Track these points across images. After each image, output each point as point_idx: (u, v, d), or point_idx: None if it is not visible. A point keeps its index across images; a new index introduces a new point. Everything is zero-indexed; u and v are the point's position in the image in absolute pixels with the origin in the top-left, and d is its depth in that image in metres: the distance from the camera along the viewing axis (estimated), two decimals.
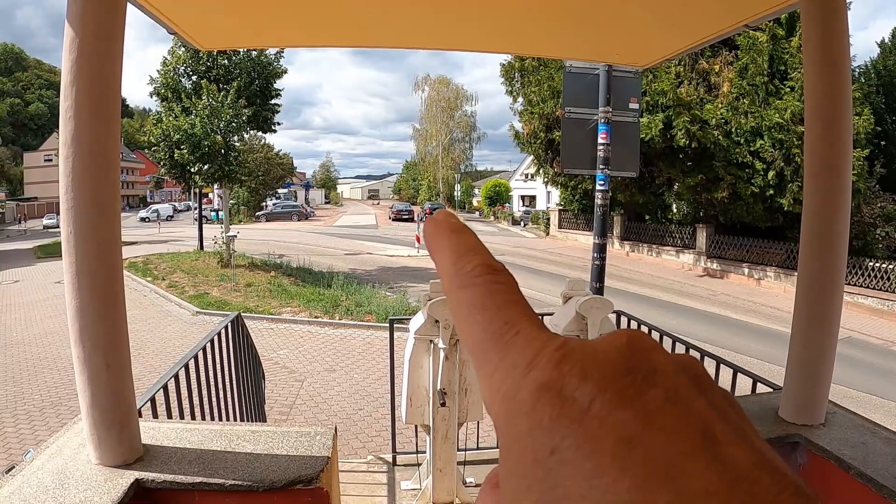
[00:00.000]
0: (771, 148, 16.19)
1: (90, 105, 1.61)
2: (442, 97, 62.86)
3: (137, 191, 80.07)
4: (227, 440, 1.86)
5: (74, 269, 1.62)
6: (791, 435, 2.12)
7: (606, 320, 3.48)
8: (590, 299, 3.34)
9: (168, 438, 1.88)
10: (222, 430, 1.92)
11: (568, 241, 29.39)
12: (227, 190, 19.87)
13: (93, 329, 1.65)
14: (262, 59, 19.23)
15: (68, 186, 1.60)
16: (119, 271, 1.70)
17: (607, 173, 5.03)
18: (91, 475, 1.67)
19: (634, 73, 5.56)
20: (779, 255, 17.81)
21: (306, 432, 1.90)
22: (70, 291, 1.63)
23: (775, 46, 16.37)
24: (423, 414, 3.34)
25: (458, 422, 3.37)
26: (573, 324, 3.41)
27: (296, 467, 1.70)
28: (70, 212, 1.61)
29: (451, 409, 3.28)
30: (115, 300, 1.69)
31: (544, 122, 22.78)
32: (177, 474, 1.67)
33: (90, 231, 1.62)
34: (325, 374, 8.45)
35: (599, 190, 5.05)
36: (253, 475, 1.67)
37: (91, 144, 1.61)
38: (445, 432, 3.34)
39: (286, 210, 51.99)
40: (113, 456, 1.71)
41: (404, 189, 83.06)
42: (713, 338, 11.02)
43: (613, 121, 5.17)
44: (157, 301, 13.70)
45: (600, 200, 5.06)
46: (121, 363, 1.72)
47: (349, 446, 6.08)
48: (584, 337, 3.46)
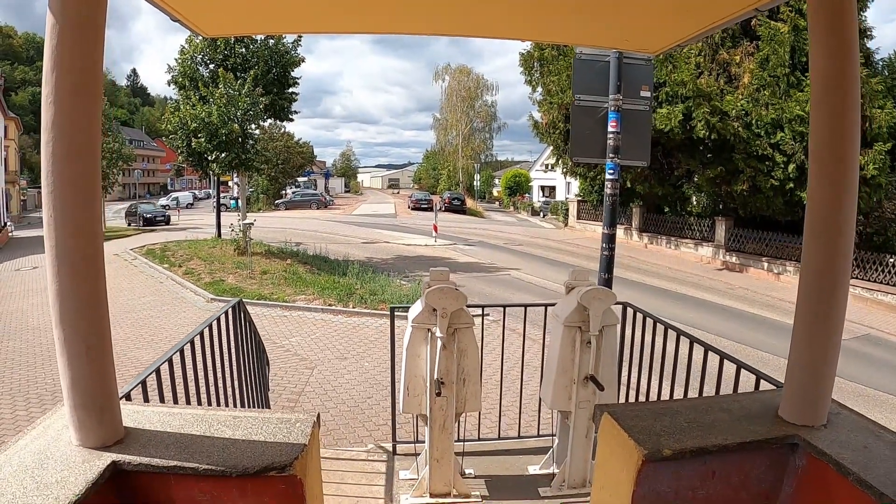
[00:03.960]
0: (792, 140, 15.90)
1: (70, 91, 1.60)
2: (462, 86, 62.58)
3: (158, 179, 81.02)
4: (206, 425, 1.86)
5: (54, 253, 1.63)
6: (790, 436, 2.07)
7: (609, 311, 3.44)
8: (592, 290, 3.30)
9: (150, 422, 1.89)
10: (204, 416, 1.93)
11: (586, 232, 29.19)
12: (244, 178, 19.99)
13: (73, 313, 1.65)
14: (279, 47, 19.27)
15: (49, 171, 1.60)
16: (99, 256, 1.70)
17: (617, 162, 4.95)
18: (70, 456, 1.68)
19: (646, 60, 5.46)
20: (798, 249, 17.50)
21: (286, 419, 1.89)
22: (50, 275, 1.64)
23: (797, 37, 16.01)
24: (421, 403, 3.33)
25: (456, 412, 3.35)
26: (575, 314, 3.37)
27: (270, 454, 1.69)
28: (50, 196, 1.61)
29: (448, 399, 3.26)
30: (96, 284, 1.69)
31: (563, 112, 22.58)
32: (154, 457, 1.67)
33: (70, 215, 1.62)
34: (336, 362, 8.48)
35: (609, 179, 4.98)
36: (228, 460, 1.66)
37: (71, 130, 1.61)
38: (443, 422, 3.32)
39: (305, 198, 52.18)
40: (93, 438, 1.72)
41: (424, 178, 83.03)
42: (729, 332, 10.88)
43: (624, 109, 5.09)
44: (173, 288, 13.85)
45: (609, 190, 4.99)
46: (101, 347, 1.72)
47: (355, 434, 6.10)
48: (586, 328, 3.42)
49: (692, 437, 2.06)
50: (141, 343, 9.33)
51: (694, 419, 2.21)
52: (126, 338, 9.63)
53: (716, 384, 3.31)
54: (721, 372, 3.35)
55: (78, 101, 1.61)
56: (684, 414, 2.25)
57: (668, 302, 13.38)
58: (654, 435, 2.04)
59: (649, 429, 2.09)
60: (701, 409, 2.31)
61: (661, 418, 2.20)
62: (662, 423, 2.15)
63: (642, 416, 2.21)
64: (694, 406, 2.37)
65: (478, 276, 15.79)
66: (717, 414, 2.27)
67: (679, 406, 2.37)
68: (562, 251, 22.55)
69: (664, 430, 2.09)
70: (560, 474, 3.66)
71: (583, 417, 3.55)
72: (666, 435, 2.05)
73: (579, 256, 21.07)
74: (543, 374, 3.69)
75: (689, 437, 2.05)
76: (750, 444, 2.07)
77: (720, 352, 3.34)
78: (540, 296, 13.87)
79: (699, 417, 2.23)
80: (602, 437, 2.23)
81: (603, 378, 3.43)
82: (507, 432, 4.50)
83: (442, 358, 3.15)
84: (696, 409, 2.31)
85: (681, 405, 2.40)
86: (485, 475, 3.81)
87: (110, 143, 29.38)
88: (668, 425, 2.13)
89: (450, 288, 3.10)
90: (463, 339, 3.23)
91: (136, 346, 9.19)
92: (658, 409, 2.31)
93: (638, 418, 2.17)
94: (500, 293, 13.77)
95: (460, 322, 3.19)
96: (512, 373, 6.69)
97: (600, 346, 3.42)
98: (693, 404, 2.42)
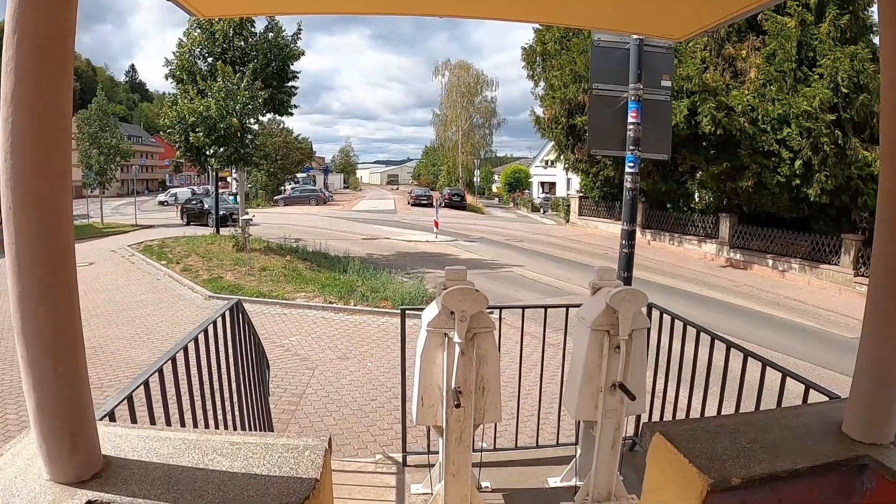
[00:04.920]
0: (798, 136, 15.60)
1: (36, 57, 1.32)
2: (462, 82, 62.35)
3: (157, 175, 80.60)
4: (200, 453, 1.58)
5: (14, 252, 1.34)
6: (860, 456, 1.81)
7: (639, 314, 3.17)
8: (622, 291, 3.03)
9: (134, 449, 1.61)
10: (197, 441, 1.65)
11: (588, 228, 28.93)
12: (243, 173, 19.70)
13: (37, 324, 1.37)
14: (278, 40, 18.95)
15: (8, 153, 1.32)
16: (70, 255, 1.42)
17: (638, 155, 4.67)
18: (38, 493, 1.41)
19: (667, 48, 5.19)
20: (803, 246, 17.29)
21: (293, 446, 1.61)
22: (11, 279, 1.36)
23: (804, 32, 15.73)
24: (436, 414, 3.06)
25: (474, 423, 3.08)
26: (603, 317, 3.09)
27: (276, 490, 1.42)
28: (10, 182, 1.33)
29: (466, 410, 2.99)
30: (66, 289, 1.40)
31: (566, 108, 22.33)
32: (137, 496, 1.40)
33: (34, 206, 1.34)
34: (338, 362, 8.22)
35: (629, 173, 4.70)
36: (225, 499, 1.39)
37: (36, 103, 1.32)
38: (460, 434, 3.05)
39: (304, 194, 51.82)
40: (65, 471, 1.45)
41: (424, 174, 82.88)
42: (735, 330, 10.53)
43: (644, 99, 4.82)
44: (171, 285, 13.57)
45: (630, 184, 4.71)
46: (72, 363, 1.44)
47: (359, 439, 5.83)
48: (615, 332, 3.16)
49: (758, 460, 1.80)
50: (136, 342, 9.06)
51: (755, 439, 1.94)
52: (120, 337, 9.35)
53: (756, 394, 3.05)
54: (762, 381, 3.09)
55: (46, 69, 1.33)
56: (743, 433, 1.99)
57: (674, 299, 13.08)
58: (717, 459, 1.78)
59: (710, 452, 1.82)
60: (759, 427, 2.05)
61: (719, 438, 1.93)
62: (722, 444, 1.89)
63: (699, 436, 1.94)
64: (750, 423, 2.11)
65: (481, 273, 15.50)
66: (778, 432, 2.01)
67: (734, 423, 2.10)
68: (565, 248, 22.29)
69: (726, 452, 1.83)
70: (584, 488, 3.39)
71: (609, 427, 3.29)
72: (730, 459, 1.79)
73: (583, 253, 20.83)
74: (567, 382, 3.42)
75: (755, 461, 1.79)
76: (819, 467, 1.81)
77: (764, 359, 3.08)
78: (545, 293, 13.63)
79: (760, 436, 1.96)
80: (654, 460, 1.96)
81: (632, 385, 3.16)
82: (525, 441, 4.23)
83: (460, 365, 2.88)
84: (754, 427, 2.05)
85: (736, 422, 2.13)
86: (502, 488, 3.56)
87: (108, 138, 29.10)
88: (728, 447, 1.87)
89: (470, 289, 2.82)
90: (483, 345, 2.95)
91: (131, 345, 8.92)
92: (713, 428, 2.04)
93: (695, 439, 1.91)
94: (505, 290, 13.49)
95: (480, 326, 2.92)
96: (529, 378, 6.40)
97: (630, 351, 3.15)
98: (748, 420, 2.16)
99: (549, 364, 5.91)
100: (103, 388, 7.09)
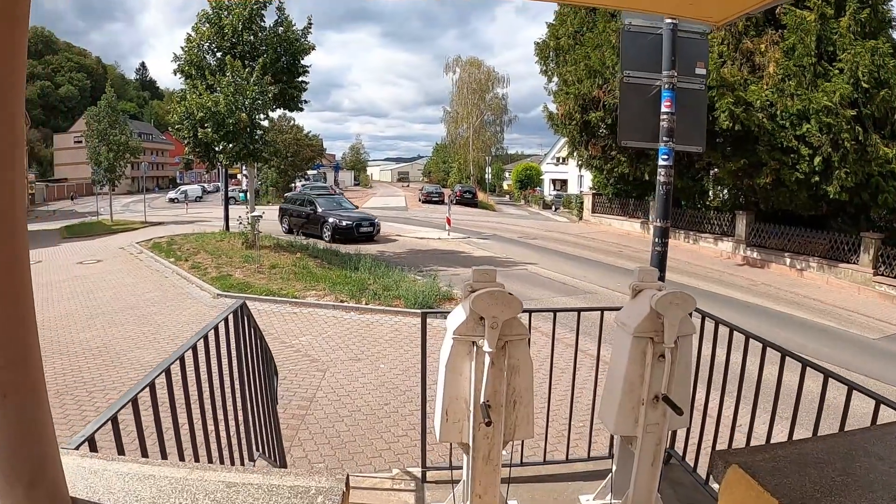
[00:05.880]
0: (818, 132, 15.15)
1: None
2: (473, 79, 62.00)
3: (167, 172, 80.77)
4: (189, 498, 1.29)
5: None
6: None
7: (686, 319, 2.85)
8: (668, 294, 2.71)
9: (110, 490, 1.32)
10: (187, 481, 1.35)
11: (602, 225, 28.53)
12: (252, 169, 19.46)
13: None
14: (288, 34, 18.64)
15: None
16: (23, 258, 1.12)
17: (672, 147, 4.34)
18: None
19: (701, 33, 4.86)
20: (822, 245, 16.83)
21: (303, 489, 1.31)
22: None
23: (823, 26, 15.28)
24: (462, 430, 2.75)
25: (504, 440, 2.77)
26: (647, 323, 2.78)
27: None
28: None
29: (495, 426, 2.68)
30: (18, 297, 1.11)
31: (580, 103, 21.92)
32: None
33: None
34: (350, 364, 7.94)
35: (663, 166, 4.37)
36: None
37: None
38: (488, 452, 2.74)
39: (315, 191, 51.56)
40: None
41: (434, 172, 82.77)
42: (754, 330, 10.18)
43: (678, 87, 4.49)
44: (179, 282, 13.34)
45: (663, 178, 4.38)
46: (28, 385, 1.14)
47: (373, 447, 5.54)
48: (659, 339, 2.84)
49: (853, 498, 1.49)
50: (142, 342, 8.82)
51: (844, 470, 1.63)
52: (126, 337, 9.12)
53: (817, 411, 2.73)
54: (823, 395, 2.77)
55: None
56: (830, 463, 1.67)
57: None
58: (808, 497, 1.47)
59: (799, 488, 1.51)
60: (845, 455, 1.74)
61: (805, 471, 1.62)
62: (810, 477, 1.58)
63: (783, 468, 1.62)
64: (833, 449, 1.80)
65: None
66: (866, 461, 1.70)
67: (818, 451, 1.79)
68: (578, 245, 21.91)
69: (816, 488, 1.52)
70: None
71: (650, 443, 2.98)
72: (823, 497, 1.48)
73: (597, 251, 20.47)
74: (604, 393, 3.10)
75: (850, 498, 1.48)
76: None
77: (827, 370, 2.75)
78: (560, 291, 13.30)
79: (849, 467, 1.65)
80: (730, 496, 1.65)
81: (677, 397, 2.85)
82: (553, 454, 3.92)
83: (490, 377, 2.56)
84: (840, 455, 1.74)
85: (818, 449, 1.82)
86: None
87: (117, 135, 28.96)
88: (817, 481, 1.55)
89: (501, 292, 2.51)
90: (515, 354, 2.64)
91: (137, 345, 8.67)
92: (795, 457, 1.73)
93: (779, 472, 1.59)
94: (520, 289, 13.16)
95: (512, 333, 2.60)
96: (558, 387, 6.07)
97: (675, 360, 2.83)
98: (831, 447, 1.84)
99: (579, 370, 5.62)
100: (106, 391, 6.85)
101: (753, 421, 3.28)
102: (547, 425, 3.92)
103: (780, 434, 3.36)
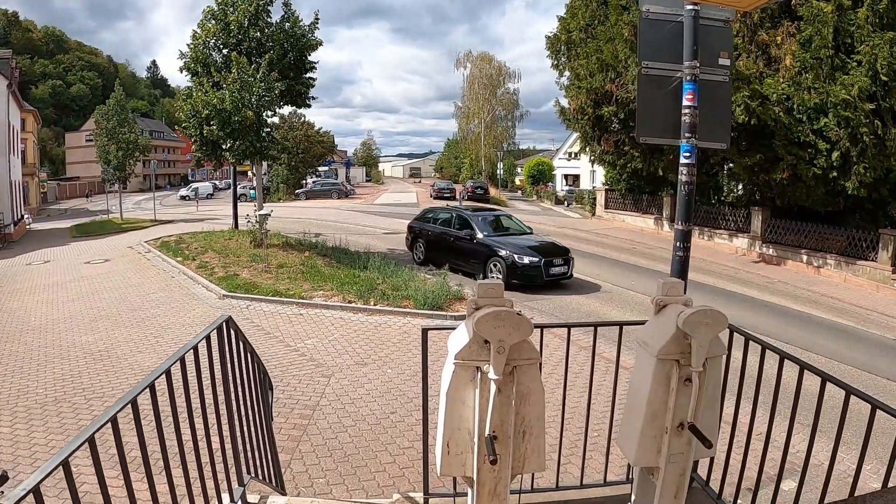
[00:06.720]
0: (836, 127, 14.69)
1: None
2: (484, 74, 61.54)
3: (179, 169, 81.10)
4: None
5: None
6: None
7: (716, 340, 2.55)
8: (697, 313, 2.41)
9: None
10: None
11: (615, 221, 28.12)
12: (259, 167, 19.26)
13: None
14: (295, 30, 18.38)
15: None
16: None
17: (694, 143, 4.01)
18: None
19: (724, 21, 4.52)
20: (840, 241, 16.39)
21: None
22: None
23: (841, 17, 14.79)
24: (465, 463, 2.46)
25: (512, 472, 2.49)
26: (673, 344, 2.48)
27: None
28: None
29: (502, 459, 2.39)
30: None
31: (592, 98, 21.54)
32: None
33: None
34: (356, 369, 7.70)
35: (684, 164, 4.03)
36: None
37: None
38: (494, 486, 2.46)
39: (326, 188, 51.53)
40: None
41: (446, 167, 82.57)
42: (770, 330, 9.82)
43: (701, 79, 4.17)
44: (185, 282, 13.15)
45: (685, 177, 4.04)
46: None
47: (377, 461, 5.29)
48: (686, 361, 2.55)
49: None
50: (144, 346, 8.62)
51: None
52: (128, 340, 8.94)
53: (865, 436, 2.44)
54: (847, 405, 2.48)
55: None
56: None
57: (705, 297, 12.31)
58: None
59: None
60: None
61: None
62: None
63: None
64: None
65: None
66: None
67: None
68: (592, 242, 21.55)
69: None
70: None
71: (674, 473, 2.68)
72: None
73: (611, 248, 20.12)
74: (624, 419, 2.81)
75: None
76: None
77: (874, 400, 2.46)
78: (574, 290, 12.99)
79: None
80: None
81: (704, 425, 2.56)
82: (564, 477, 3.63)
83: (496, 406, 2.28)
84: None
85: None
86: None
87: (126, 133, 28.92)
88: None
89: (509, 313, 2.21)
90: (524, 380, 2.35)
91: (139, 349, 8.48)
92: None
93: None
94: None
95: (522, 357, 2.31)
96: (576, 406, 5.79)
97: (703, 384, 2.54)
98: None
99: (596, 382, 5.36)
100: (105, 399, 6.66)
101: (789, 442, 2.98)
102: (560, 448, 3.64)
103: (821, 452, 3.06)
